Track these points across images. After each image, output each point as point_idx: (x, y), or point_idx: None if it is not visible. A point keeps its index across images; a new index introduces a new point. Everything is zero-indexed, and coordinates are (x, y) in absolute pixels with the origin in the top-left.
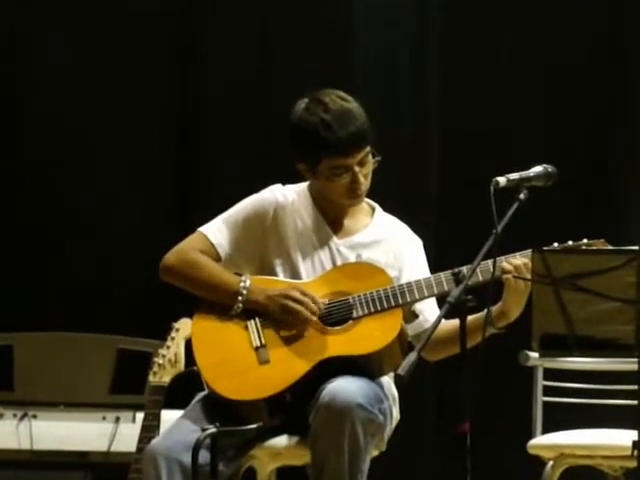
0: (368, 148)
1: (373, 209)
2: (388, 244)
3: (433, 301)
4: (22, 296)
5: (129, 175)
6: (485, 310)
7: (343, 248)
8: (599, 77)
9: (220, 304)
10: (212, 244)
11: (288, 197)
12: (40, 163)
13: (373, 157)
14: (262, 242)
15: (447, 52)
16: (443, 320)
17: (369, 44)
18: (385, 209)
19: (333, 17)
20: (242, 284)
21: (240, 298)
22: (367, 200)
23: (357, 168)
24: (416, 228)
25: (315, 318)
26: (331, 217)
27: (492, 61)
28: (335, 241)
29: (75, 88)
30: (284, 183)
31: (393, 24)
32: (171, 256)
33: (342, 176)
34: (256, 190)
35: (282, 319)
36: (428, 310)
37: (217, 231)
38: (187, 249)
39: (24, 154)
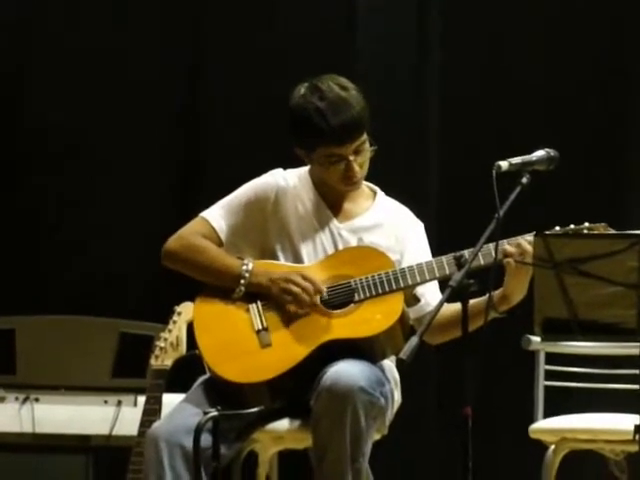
0: (364, 137)
1: (374, 193)
2: (390, 227)
3: (435, 285)
4: (24, 280)
5: (131, 161)
6: (487, 294)
7: (344, 232)
8: (600, 78)
9: (222, 288)
10: (213, 229)
11: (289, 181)
12: (41, 154)
13: (370, 145)
14: (263, 226)
15: (448, 52)
16: (445, 304)
17: (370, 42)
18: (387, 194)
19: (333, 17)
20: (244, 267)
21: (242, 281)
22: (368, 184)
23: (352, 157)
24: (418, 214)
25: (315, 302)
26: (332, 201)
27: (493, 60)
28: (336, 224)
29: (75, 88)
30: (285, 167)
31: (394, 22)
32: (172, 241)
33: (337, 164)
34: (257, 175)
35: (283, 302)
36: (430, 294)
37: (218, 216)
38: (188, 234)
39: (28, 145)
